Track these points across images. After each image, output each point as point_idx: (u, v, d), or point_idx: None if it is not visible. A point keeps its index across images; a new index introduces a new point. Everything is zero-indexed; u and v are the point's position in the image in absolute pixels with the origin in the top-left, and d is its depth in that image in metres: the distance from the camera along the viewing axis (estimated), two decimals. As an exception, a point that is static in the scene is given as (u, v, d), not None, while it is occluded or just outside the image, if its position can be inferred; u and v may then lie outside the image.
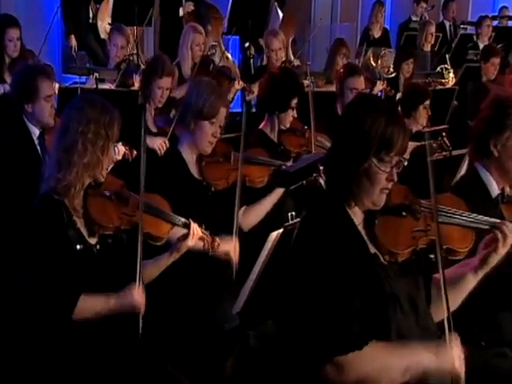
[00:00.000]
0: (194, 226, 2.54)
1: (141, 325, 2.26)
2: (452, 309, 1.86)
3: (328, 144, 3.69)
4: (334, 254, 1.77)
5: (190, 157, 2.93)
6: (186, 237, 2.51)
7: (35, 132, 3.24)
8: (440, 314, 1.89)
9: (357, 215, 1.89)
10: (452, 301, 1.89)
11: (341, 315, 1.72)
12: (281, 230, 2.24)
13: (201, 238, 2.57)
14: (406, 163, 4.11)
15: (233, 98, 4.98)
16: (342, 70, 4.13)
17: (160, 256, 2.52)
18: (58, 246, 2.24)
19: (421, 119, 4.40)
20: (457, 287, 2.00)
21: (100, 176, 2.36)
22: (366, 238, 1.89)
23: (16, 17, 4.93)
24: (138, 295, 2.28)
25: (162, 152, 3.66)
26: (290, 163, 3.29)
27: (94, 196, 2.35)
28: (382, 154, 1.83)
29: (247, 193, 3.05)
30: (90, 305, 2.26)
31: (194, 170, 2.94)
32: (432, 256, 1.92)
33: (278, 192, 3.15)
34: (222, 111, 2.90)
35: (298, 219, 2.24)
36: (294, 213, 3.41)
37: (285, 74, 3.57)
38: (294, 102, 3.51)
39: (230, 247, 2.78)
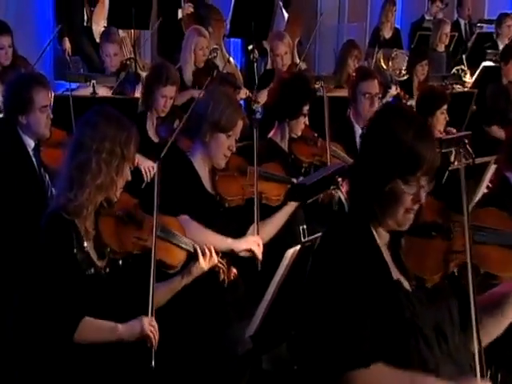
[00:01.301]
0: (205, 248, 2.53)
1: (153, 355, 2.24)
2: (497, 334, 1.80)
3: (342, 153, 3.68)
4: (352, 275, 1.75)
5: (202, 169, 2.93)
6: (196, 259, 2.51)
7: (30, 144, 3.21)
8: (486, 338, 1.82)
9: (382, 236, 1.83)
10: (497, 325, 1.83)
11: (353, 333, 1.72)
12: (298, 247, 2.22)
13: (216, 266, 2.56)
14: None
15: None
16: (354, 74, 4.12)
17: (172, 279, 2.51)
18: (65, 267, 2.22)
19: (438, 125, 4.39)
20: (499, 311, 1.88)
21: (114, 196, 2.34)
22: (390, 261, 1.83)
23: (6, 22, 4.94)
24: (148, 326, 2.25)
25: (149, 177, 3.63)
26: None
27: (106, 217, 2.33)
28: (409, 174, 1.77)
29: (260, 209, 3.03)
30: (95, 328, 2.24)
31: (206, 183, 2.93)
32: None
33: (291, 207, 3.13)
34: (239, 124, 2.91)
35: (318, 235, 2.23)
36: (305, 226, 3.41)
37: (296, 78, 3.58)
38: (306, 108, 3.50)
39: (251, 244, 2.79)
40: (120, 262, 2.36)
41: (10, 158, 3.15)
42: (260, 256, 2.85)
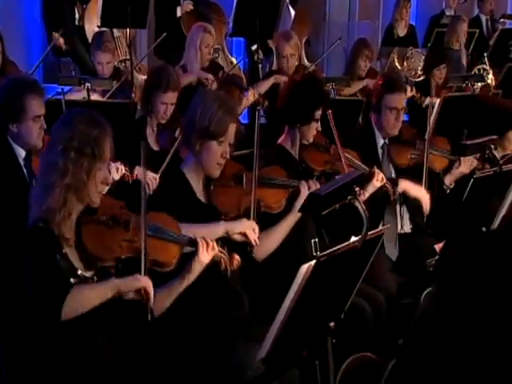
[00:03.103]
0: (203, 238, 2.53)
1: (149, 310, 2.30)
2: None
3: (357, 162, 3.67)
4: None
5: (195, 180, 2.92)
6: (196, 252, 2.50)
7: (21, 154, 3.20)
8: None
9: None
10: None
11: None
12: (312, 263, 2.22)
13: (216, 256, 2.55)
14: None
15: (242, 111, 4.99)
16: (379, 83, 4.03)
17: (171, 282, 2.51)
18: (51, 272, 2.24)
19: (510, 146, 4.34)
20: None
21: (90, 200, 2.33)
22: None
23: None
24: (144, 279, 2.30)
25: (151, 189, 3.63)
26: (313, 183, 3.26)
27: (88, 224, 2.33)
28: None
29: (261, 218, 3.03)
30: (88, 289, 2.27)
31: (200, 194, 2.93)
32: None
33: (295, 215, 3.14)
34: (232, 128, 2.87)
35: (334, 249, 2.22)
36: (316, 240, 3.39)
37: (308, 81, 3.56)
38: (318, 113, 3.49)
39: (246, 228, 2.80)
40: (112, 270, 2.37)
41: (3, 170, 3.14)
42: (254, 241, 2.84)
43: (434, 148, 4.08)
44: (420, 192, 3.89)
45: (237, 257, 2.65)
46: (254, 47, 6.81)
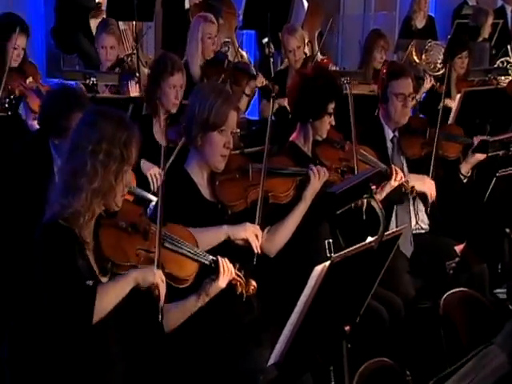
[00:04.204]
0: (225, 263, 2.56)
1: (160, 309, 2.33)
2: None
3: (373, 158, 3.67)
4: None
5: (200, 177, 2.95)
6: (215, 277, 2.53)
7: (57, 162, 3.25)
8: None
9: None
10: None
11: None
12: (327, 264, 2.23)
13: (233, 280, 2.58)
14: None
15: (250, 100, 4.97)
16: (384, 71, 4.07)
17: (186, 299, 2.54)
18: (67, 273, 2.25)
19: None
20: None
21: (113, 204, 2.36)
22: None
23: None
24: (159, 275, 2.34)
25: (155, 185, 3.65)
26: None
27: (106, 227, 2.36)
28: None
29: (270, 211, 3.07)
30: (110, 290, 2.30)
31: (205, 192, 2.95)
32: None
33: (305, 204, 3.17)
34: (232, 115, 2.90)
35: (349, 249, 2.23)
36: (331, 240, 3.41)
37: (320, 74, 3.56)
38: (331, 106, 3.49)
39: (249, 234, 2.83)
40: None
41: (37, 175, 3.22)
42: (256, 249, 2.87)
43: (446, 135, 4.09)
44: (424, 186, 3.90)
45: (253, 282, 2.68)
46: (265, 40, 6.82)
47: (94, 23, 6.51)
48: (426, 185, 3.92)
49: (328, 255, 2.23)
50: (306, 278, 2.22)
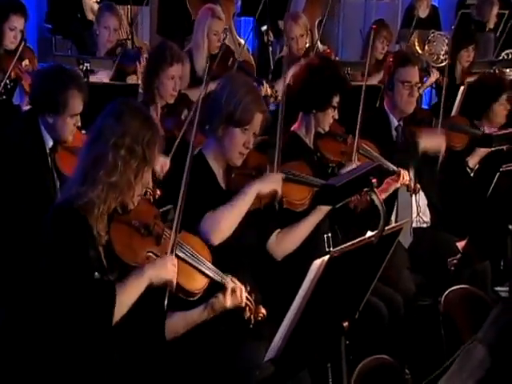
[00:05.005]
0: (235, 285, 2.55)
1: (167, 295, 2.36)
2: None
3: (375, 154, 3.69)
4: None
5: (216, 167, 2.95)
6: (223, 296, 2.54)
7: (48, 142, 3.30)
8: None
9: None
10: None
11: None
12: (325, 258, 2.24)
13: (242, 303, 2.58)
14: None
15: None
16: (391, 60, 4.10)
17: (192, 311, 2.54)
18: (80, 262, 2.24)
19: (498, 118, 4.39)
20: None
21: (131, 203, 2.36)
22: None
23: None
24: (171, 266, 2.35)
25: (162, 175, 3.64)
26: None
27: (119, 224, 2.36)
28: None
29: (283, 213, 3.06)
30: (128, 291, 2.29)
31: (221, 180, 2.97)
32: None
33: (321, 211, 3.14)
34: (258, 117, 2.91)
35: (347, 244, 2.24)
36: (330, 234, 3.43)
37: (326, 64, 3.57)
38: (336, 99, 3.50)
39: (275, 184, 2.91)
40: None
41: (28, 155, 3.24)
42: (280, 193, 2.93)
43: (452, 125, 4.11)
44: (434, 142, 4.02)
45: (262, 310, 2.67)
46: (264, 28, 6.82)
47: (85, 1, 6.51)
48: (436, 140, 4.00)
49: (327, 249, 2.24)
50: (304, 273, 2.24)
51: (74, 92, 3.21)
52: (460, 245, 3.38)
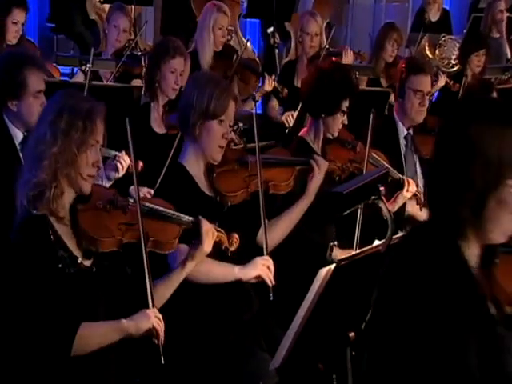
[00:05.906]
0: (206, 223, 2.62)
1: (162, 350, 2.37)
2: None
3: (385, 163, 3.70)
4: (445, 310, 1.66)
5: (196, 170, 3.00)
6: (199, 239, 2.60)
7: (18, 136, 3.25)
8: None
9: (472, 254, 1.77)
10: None
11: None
12: (332, 267, 2.27)
13: (216, 237, 2.66)
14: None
15: (257, 101, 5.02)
16: (403, 65, 4.10)
17: (171, 272, 2.60)
18: (47, 269, 2.30)
19: None
20: None
21: (83, 183, 2.39)
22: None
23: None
24: (154, 317, 2.37)
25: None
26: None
27: (84, 211, 2.44)
28: None
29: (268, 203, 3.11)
30: (96, 332, 2.34)
31: (203, 185, 3.01)
32: None
33: (308, 199, 3.20)
34: (232, 106, 2.97)
35: (353, 253, 2.27)
36: (336, 242, 3.45)
37: (336, 69, 3.61)
38: (346, 104, 3.53)
39: (260, 270, 2.89)
40: (107, 262, 2.46)
41: (4, 162, 3.15)
42: (270, 282, 2.92)
43: None
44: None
45: (236, 236, 2.75)
46: (270, 30, 6.84)
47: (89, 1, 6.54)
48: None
49: (332, 258, 2.26)
50: (310, 282, 2.26)
51: (29, 69, 3.18)
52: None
